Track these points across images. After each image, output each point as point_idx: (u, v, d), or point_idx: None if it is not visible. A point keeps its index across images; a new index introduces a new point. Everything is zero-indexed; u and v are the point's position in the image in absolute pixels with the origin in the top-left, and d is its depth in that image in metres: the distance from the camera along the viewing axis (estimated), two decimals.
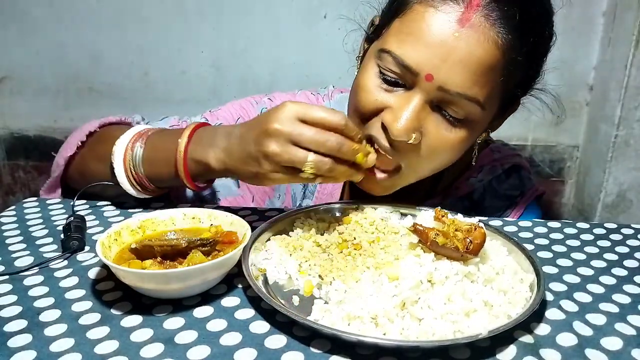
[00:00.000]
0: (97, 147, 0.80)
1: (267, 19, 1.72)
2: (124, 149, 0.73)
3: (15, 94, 1.89)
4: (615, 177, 1.68)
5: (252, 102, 0.92)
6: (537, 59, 0.70)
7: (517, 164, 0.89)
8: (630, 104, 1.60)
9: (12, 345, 0.48)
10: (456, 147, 0.69)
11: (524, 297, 0.53)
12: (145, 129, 0.76)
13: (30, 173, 1.98)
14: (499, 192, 0.87)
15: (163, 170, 0.71)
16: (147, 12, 1.75)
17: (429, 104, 0.66)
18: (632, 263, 0.67)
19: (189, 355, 0.47)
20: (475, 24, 0.61)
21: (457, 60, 0.62)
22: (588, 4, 1.65)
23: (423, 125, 0.66)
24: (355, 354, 0.48)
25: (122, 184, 0.74)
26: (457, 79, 0.62)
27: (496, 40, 0.62)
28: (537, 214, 0.89)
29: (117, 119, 0.85)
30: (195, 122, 0.73)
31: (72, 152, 0.81)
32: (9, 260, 0.64)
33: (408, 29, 0.64)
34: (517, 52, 0.64)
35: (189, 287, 0.54)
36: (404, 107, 0.65)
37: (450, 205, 0.87)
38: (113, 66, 1.82)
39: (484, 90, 0.64)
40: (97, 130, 0.83)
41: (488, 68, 0.63)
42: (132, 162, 0.72)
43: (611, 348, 0.50)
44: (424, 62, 0.62)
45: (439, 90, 0.63)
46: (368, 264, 0.58)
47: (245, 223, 0.62)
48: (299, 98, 0.92)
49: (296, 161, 0.59)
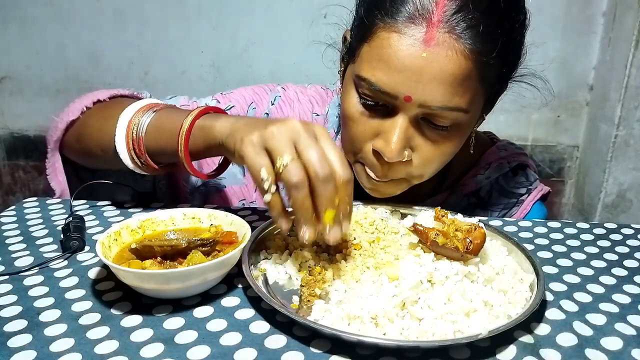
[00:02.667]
0: (104, 112, 0.76)
1: (267, 19, 1.72)
2: (132, 114, 0.70)
3: (15, 94, 1.89)
4: (615, 177, 1.68)
5: (266, 89, 0.91)
6: (513, 48, 0.70)
7: (523, 162, 0.89)
8: (630, 104, 1.60)
9: (12, 345, 0.48)
10: (451, 149, 0.70)
11: (524, 297, 0.54)
12: (157, 102, 0.74)
13: (30, 173, 1.98)
14: (506, 190, 0.87)
15: (163, 141, 0.68)
16: (147, 12, 1.75)
17: (414, 120, 0.67)
18: (632, 263, 0.67)
19: (189, 355, 0.47)
20: (441, 40, 0.61)
21: (430, 79, 0.62)
22: (588, 4, 1.65)
23: (413, 141, 0.68)
24: (355, 354, 0.48)
25: (120, 152, 0.70)
26: (435, 95, 0.63)
27: (464, 52, 0.62)
28: (543, 212, 0.89)
29: (129, 92, 0.82)
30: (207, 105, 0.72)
31: (75, 117, 0.78)
32: (9, 260, 0.64)
33: (378, 55, 0.64)
34: (489, 55, 0.64)
35: (189, 287, 0.54)
36: (391, 130, 0.66)
37: (456, 202, 0.87)
38: (113, 66, 1.82)
39: (464, 98, 0.65)
40: (107, 100, 0.79)
41: (463, 78, 0.63)
42: (136, 128, 0.69)
43: (611, 348, 0.50)
44: (400, 86, 0.63)
45: (420, 107, 0.65)
46: (368, 264, 0.58)
47: (245, 223, 0.62)
48: (310, 90, 0.92)
49: (277, 149, 0.53)
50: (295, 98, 0.90)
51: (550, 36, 1.67)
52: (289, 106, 0.89)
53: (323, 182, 0.52)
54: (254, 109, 0.88)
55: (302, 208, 0.53)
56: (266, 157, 0.54)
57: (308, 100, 0.90)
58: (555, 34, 1.67)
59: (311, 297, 0.54)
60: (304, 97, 0.90)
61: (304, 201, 0.52)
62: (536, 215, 0.88)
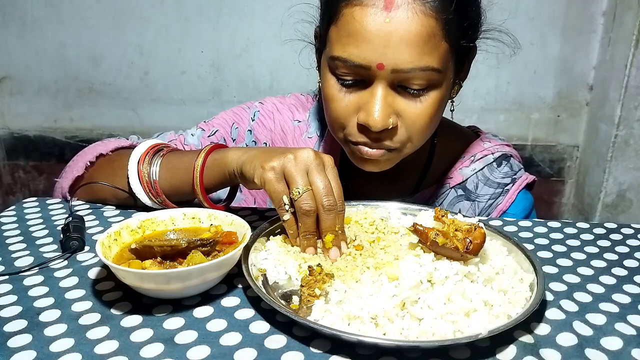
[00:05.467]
0: (111, 164, 0.80)
1: (267, 19, 1.72)
2: (137, 162, 0.74)
3: (15, 94, 1.89)
4: (615, 177, 1.68)
5: (245, 108, 0.95)
6: (471, 4, 0.73)
7: (507, 153, 0.91)
8: (630, 104, 1.60)
9: (12, 345, 0.48)
10: (433, 111, 0.72)
11: (524, 297, 0.53)
12: (155, 143, 0.77)
13: (30, 173, 1.98)
14: (491, 180, 0.89)
15: (178, 181, 0.73)
16: (147, 12, 1.75)
17: (391, 88, 0.70)
18: (632, 263, 0.67)
19: (189, 355, 0.47)
20: (400, 3, 0.65)
21: (398, 42, 0.66)
22: (588, 4, 1.65)
23: (395, 107, 0.71)
24: (355, 354, 0.48)
25: (137, 194, 0.74)
26: (405, 57, 0.66)
27: (424, 11, 0.66)
28: (529, 201, 0.90)
29: (128, 143, 0.85)
30: (215, 143, 0.75)
31: (80, 173, 0.81)
32: (9, 260, 0.64)
33: (345, 32, 0.68)
34: (449, 11, 0.67)
35: (189, 287, 0.54)
36: (371, 101, 0.69)
37: (444, 194, 0.89)
38: (113, 66, 1.82)
39: (433, 57, 0.68)
40: (109, 154, 0.82)
41: (428, 37, 0.66)
42: (147, 173, 0.73)
43: (611, 348, 0.50)
44: (370, 55, 0.67)
45: (394, 72, 0.67)
46: (368, 264, 0.58)
47: (245, 223, 0.62)
48: (289, 99, 0.96)
49: (294, 178, 0.61)
50: (274, 109, 0.94)
51: (550, 36, 1.67)
52: (269, 119, 0.93)
53: (327, 212, 0.61)
54: (237, 129, 0.92)
55: (309, 232, 0.62)
56: (285, 184, 0.62)
57: (288, 109, 0.94)
58: (555, 34, 1.67)
59: (311, 297, 0.55)
60: (283, 107, 0.94)
61: (311, 226, 0.62)
62: (521, 203, 0.88)
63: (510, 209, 0.87)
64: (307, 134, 0.92)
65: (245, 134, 0.92)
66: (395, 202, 0.76)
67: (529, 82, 1.74)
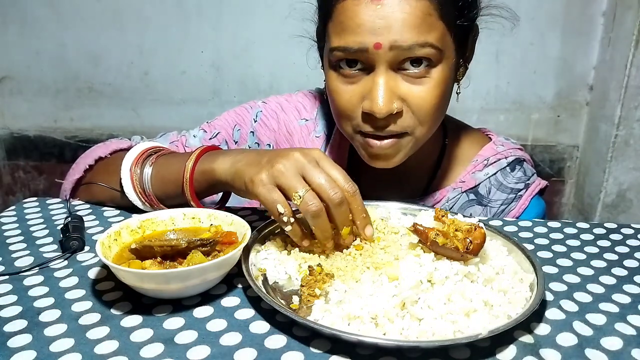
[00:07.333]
0: (107, 168, 0.80)
1: (267, 19, 1.72)
2: (129, 167, 0.74)
3: (15, 94, 1.89)
4: (615, 177, 1.68)
5: (247, 108, 0.94)
6: None
7: (520, 157, 0.90)
8: (630, 104, 1.60)
9: (12, 345, 0.48)
10: (439, 92, 0.71)
11: (524, 297, 0.53)
12: (149, 147, 0.77)
13: (30, 173, 1.98)
14: (505, 186, 0.88)
15: (170, 190, 0.72)
16: (147, 12, 1.75)
17: (392, 70, 0.69)
18: (632, 263, 0.67)
19: (189, 355, 0.47)
20: None
21: (393, 22, 0.66)
22: (588, 4, 1.65)
23: (399, 91, 0.70)
24: (355, 354, 0.48)
25: (133, 201, 0.74)
26: (402, 35, 0.67)
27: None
28: (542, 206, 0.90)
29: (127, 144, 0.85)
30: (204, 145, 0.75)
31: (80, 175, 0.82)
32: (9, 260, 0.64)
33: (341, 24, 0.69)
34: None
35: (189, 287, 0.54)
36: (373, 87, 0.69)
37: (456, 199, 0.88)
38: (113, 66, 1.82)
39: (431, 34, 0.68)
40: (108, 156, 0.83)
41: (423, 16, 0.67)
42: (138, 180, 0.73)
43: (611, 348, 0.50)
44: (366, 38, 0.67)
45: (392, 49, 0.67)
46: (368, 264, 0.58)
47: (245, 223, 0.62)
48: (297, 97, 0.94)
49: (290, 184, 0.59)
50: (278, 109, 0.93)
51: (550, 36, 1.67)
52: (272, 119, 0.92)
53: (338, 206, 0.58)
54: (239, 130, 0.92)
55: (324, 232, 0.59)
56: (279, 192, 0.59)
57: (294, 108, 0.93)
58: (555, 34, 1.67)
59: (311, 297, 0.55)
60: (289, 106, 0.93)
61: (324, 226, 0.59)
62: (535, 209, 0.88)
63: (523, 215, 0.86)
64: (315, 132, 0.91)
65: (247, 136, 0.92)
66: (396, 202, 0.76)
67: (529, 82, 1.74)
